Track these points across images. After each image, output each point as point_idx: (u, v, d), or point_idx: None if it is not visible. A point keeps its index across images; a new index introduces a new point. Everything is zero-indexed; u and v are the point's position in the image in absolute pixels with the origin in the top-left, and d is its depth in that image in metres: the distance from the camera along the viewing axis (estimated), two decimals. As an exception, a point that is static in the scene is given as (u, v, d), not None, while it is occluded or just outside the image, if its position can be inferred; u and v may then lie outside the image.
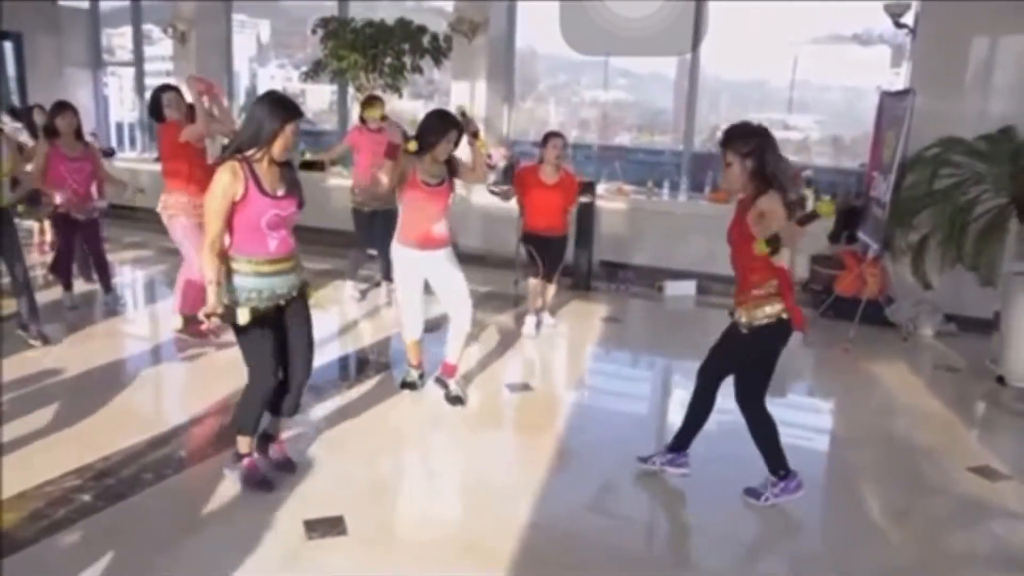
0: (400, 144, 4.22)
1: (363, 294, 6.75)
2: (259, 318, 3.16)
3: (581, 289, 7.33)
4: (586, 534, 3.20)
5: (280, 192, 3.17)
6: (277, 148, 3.10)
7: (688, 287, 7.37)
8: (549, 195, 5.72)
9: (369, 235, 6.51)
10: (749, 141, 3.12)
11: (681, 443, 3.61)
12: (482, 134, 4.43)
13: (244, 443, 3.40)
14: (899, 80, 7.51)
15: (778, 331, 3.23)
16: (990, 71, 6.38)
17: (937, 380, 5.34)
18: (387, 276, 6.62)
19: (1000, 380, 5.16)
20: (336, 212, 6.62)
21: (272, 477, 3.44)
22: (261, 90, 11.27)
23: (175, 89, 5.39)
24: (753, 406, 3.37)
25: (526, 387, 4.86)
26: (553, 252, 5.83)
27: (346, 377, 4.87)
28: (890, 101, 6.15)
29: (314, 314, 3.48)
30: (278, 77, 12.76)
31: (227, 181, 3.04)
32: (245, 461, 3.39)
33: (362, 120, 6.48)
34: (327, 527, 3.12)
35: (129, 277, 7.61)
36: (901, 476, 3.90)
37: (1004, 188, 5.35)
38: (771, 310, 3.18)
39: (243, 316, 3.09)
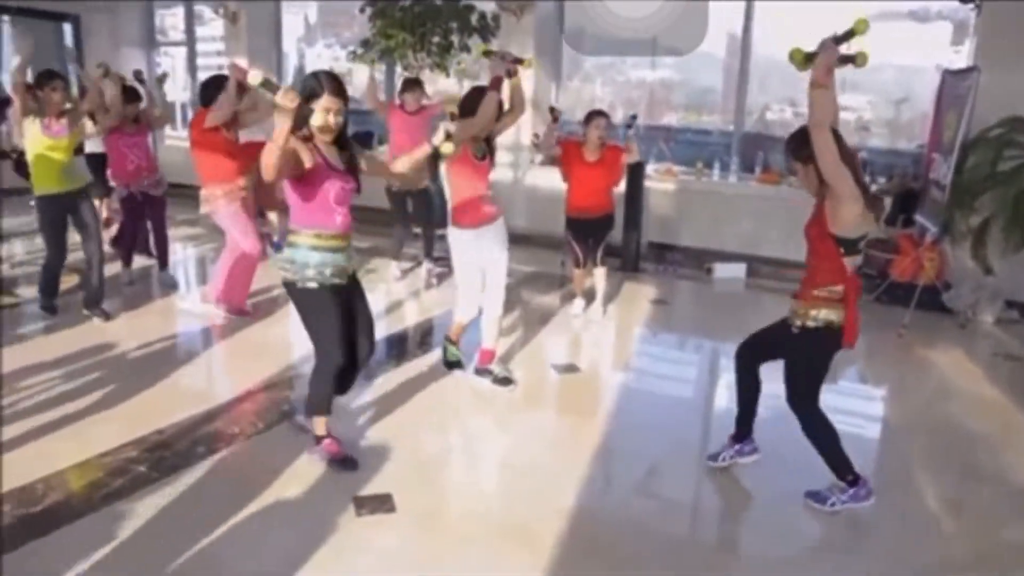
0: (498, 77, 4.07)
1: (404, 273, 6.78)
2: (325, 295, 3.20)
3: (629, 271, 7.27)
4: (632, 519, 3.19)
5: (342, 167, 3.21)
6: (316, 122, 3.04)
7: (738, 270, 7.26)
8: (591, 173, 5.63)
9: (406, 214, 6.55)
10: (807, 146, 2.92)
11: (743, 431, 3.55)
12: (523, 66, 4.21)
13: (320, 424, 3.44)
14: (959, 59, 7.26)
15: (826, 338, 3.10)
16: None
17: (996, 368, 5.19)
18: (428, 255, 6.66)
19: (1064, 369, 5.00)
20: (377, 190, 6.62)
21: (354, 454, 3.48)
22: (309, 70, 11.41)
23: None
24: (804, 410, 3.21)
25: (573, 368, 4.84)
26: (598, 232, 5.74)
27: (392, 357, 4.89)
28: (952, 80, 5.94)
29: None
30: (325, 56, 12.83)
31: (297, 144, 3.00)
32: (325, 443, 3.43)
33: (401, 102, 6.48)
34: (376, 504, 3.16)
35: (182, 255, 7.75)
36: (956, 465, 3.80)
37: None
38: (826, 315, 3.06)
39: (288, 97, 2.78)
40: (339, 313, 3.25)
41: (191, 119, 5.42)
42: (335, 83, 3.08)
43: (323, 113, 3.05)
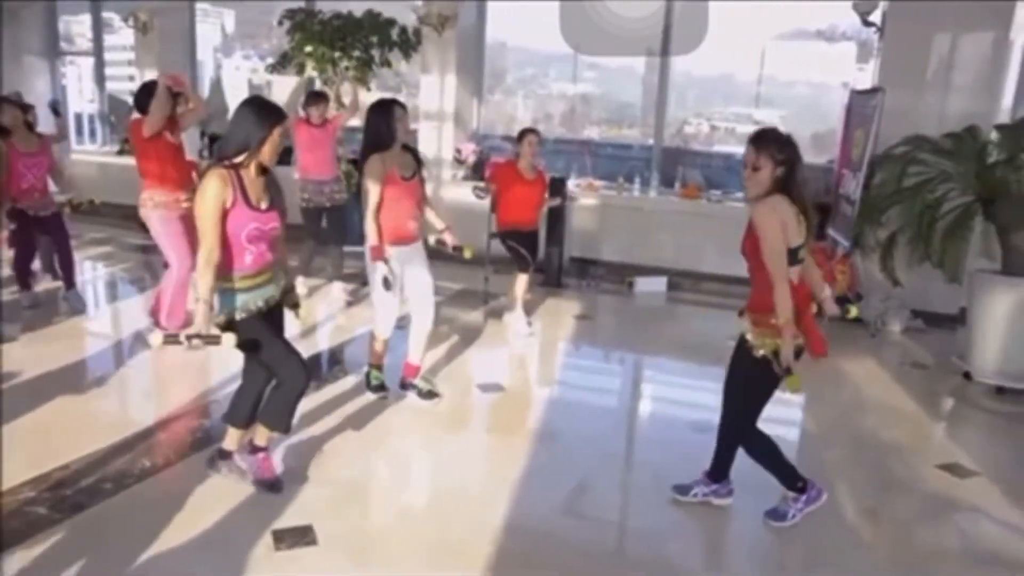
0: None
1: (310, 291, 6.60)
2: (258, 325, 3.13)
3: (552, 286, 7.28)
4: (561, 535, 3.17)
5: (264, 205, 3.09)
6: (267, 153, 3.04)
7: (658, 283, 7.36)
8: (529, 190, 5.74)
9: (318, 230, 6.45)
10: (786, 148, 2.92)
11: (722, 470, 3.40)
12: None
13: (264, 435, 3.36)
14: (864, 76, 7.56)
15: None
16: (956, 69, 6.44)
17: (905, 376, 5.38)
18: (339, 272, 6.55)
19: (967, 376, 5.21)
20: (293, 204, 6.48)
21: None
22: (226, 81, 11.13)
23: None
24: (744, 429, 3.20)
25: (498, 387, 4.80)
26: (532, 246, 5.86)
27: (312, 380, 4.74)
28: (859, 99, 6.17)
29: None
30: (243, 68, 12.53)
31: (218, 185, 2.95)
32: (260, 456, 3.35)
33: (306, 116, 6.36)
34: (296, 537, 3.04)
35: (91, 274, 7.41)
36: (871, 474, 3.92)
37: (969, 186, 5.39)
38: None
39: (229, 342, 2.95)
40: (277, 333, 3.25)
41: (130, 127, 5.23)
42: (282, 110, 3.13)
43: (280, 140, 3.07)
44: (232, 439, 3.41)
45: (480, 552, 2.98)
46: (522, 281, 5.83)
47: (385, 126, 4.01)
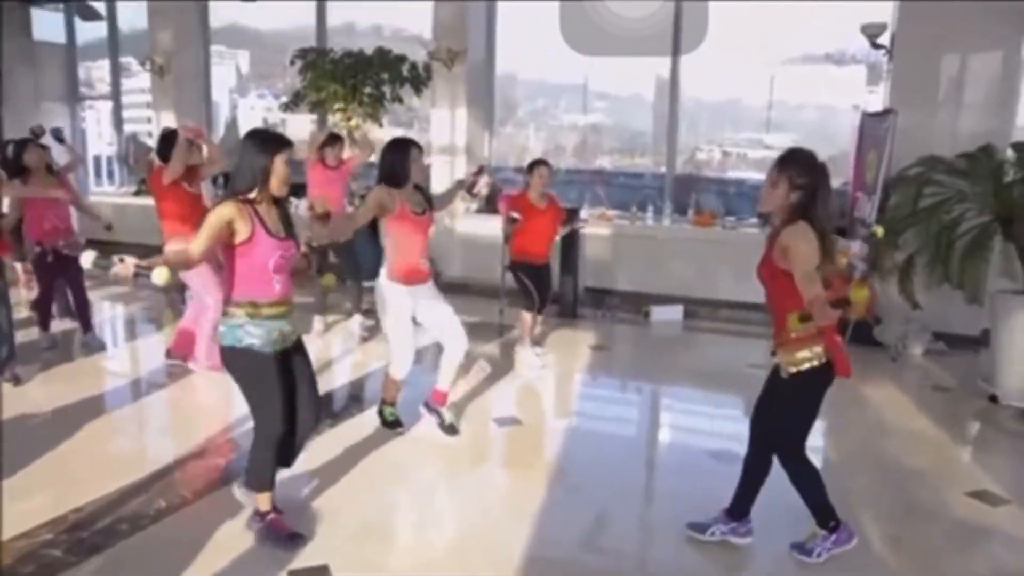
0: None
1: (327, 327, 6.66)
2: (265, 360, 3.07)
3: (567, 316, 7.26)
4: (579, 572, 3.10)
5: (283, 234, 3.11)
6: (274, 183, 3.03)
7: (675, 312, 7.32)
8: (543, 221, 5.73)
9: (329, 267, 6.47)
10: (808, 173, 2.88)
11: (741, 508, 3.29)
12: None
13: (265, 500, 3.22)
14: (875, 99, 7.54)
15: (819, 374, 2.97)
16: (967, 88, 6.42)
17: (928, 400, 5.29)
18: (358, 308, 6.57)
19: (993, 399, 5.12)
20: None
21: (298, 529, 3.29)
22: (241, 120, 11.26)
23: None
24: (792, 456, 3.13)
25: (515, 421, 4.76)
26: (546, 279, 5.83)
27: (327, 416, 4.71)
28: (871, 122, 6.15)
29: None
30: (258, 107, 12.69)
31: (231, 211, 2.96)
32: (270, 518, 3.22)
33: (321, 157, 6.42)
34: (312, 577, 3.01)
35: (108, 315, 7.47)
36: (896, 501, 3.83)
37: (987, 206, 5.35)
38: (810, 352, 2.93)
39: (161, 276, 2.89)
40: (281, 380, 3.10)
41: (151, 176, 5.35)
42: (285, 138, 3.12)
43: (284, 168, 3.05)
44: (265, 500, 3.27)
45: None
46: (527, 318, 5.80)
47: (400, 165, 4.04)
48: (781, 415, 3.12)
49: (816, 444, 4.55)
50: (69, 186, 6.07)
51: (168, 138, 5.19)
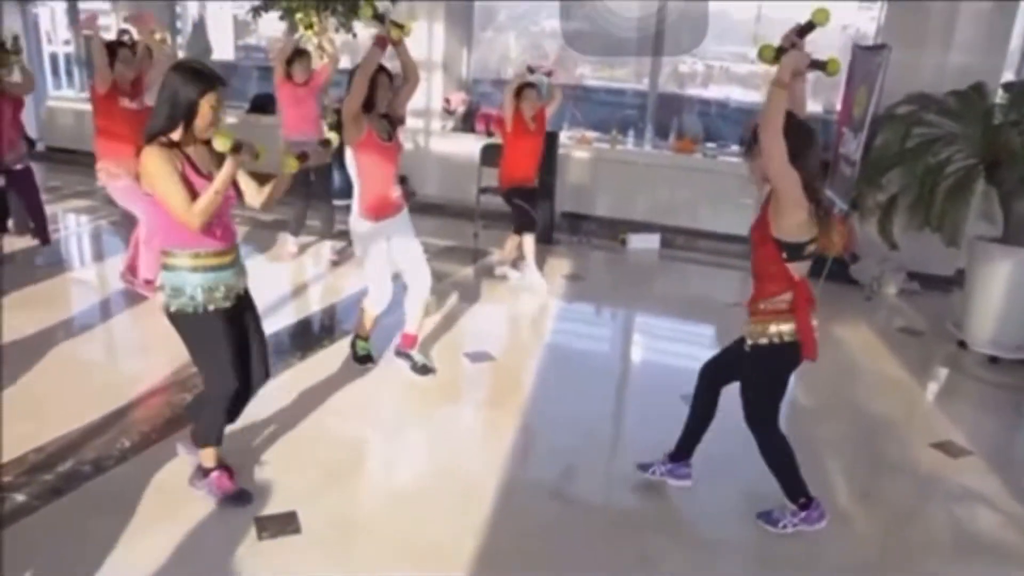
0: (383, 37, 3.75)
1: (301, 249, 6.47)
2: (213, 320, 2.86)
3: (543, 242, 7.12)
4: (550, 527, 3.11)
5: (214, 170, 2.79)
6: (199, 125, 2.72)
7: (652, 240, 7.23)
8: (534, 141, 5.69)
9: (308, 188, 6.27)
10: (792, 135, 2.64)
11: (682, 451, 3.33)
12: (402, 32, 3.79)
13: (210, 456, 3.10)
14: (866, 18, 7.33)
15: (783, 355, 2.91)
16: (964, 22, 6.22)
17: (899, 343, 5.31)
18: (330, 232, 6.41)
19: (962, 344, 5.15)
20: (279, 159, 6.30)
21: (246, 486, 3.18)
22: (210, 22, 10.71)
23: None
24: (761, 429, 3.07)
25: (487, 356, 4.70)
26: (534, 200, 5.84)
27: (296, 348, 4.65)
28: (863, 55, 5.94)
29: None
30: (227, 7, 12.08)
31: (161, 153, 2.67)
32: (214, 475, 3.10)
33: (288, 74, 6.11)
34: (280, 525, 2.98)
35: (74, 228, 7.24)
36: (862, 452, 3.88)
37: (974, 148, 5.24)
38: (776, 329, 2.86)
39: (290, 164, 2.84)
40: (230, 338, 2.93)
41: (89, 84, 5.01)
42: (217, 75, 2.77)
43: (211, 111, 2.72)
44: (210, 456, 3.13)
45: (465, 548, 2.93)
46: (531, 240, 5.81)
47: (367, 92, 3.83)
48: (744, 387, 3.08)
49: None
50: (16, 97, 5.75)
51: (115, 45, 4.90)
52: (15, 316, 4.85)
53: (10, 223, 6.04)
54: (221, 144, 2.65)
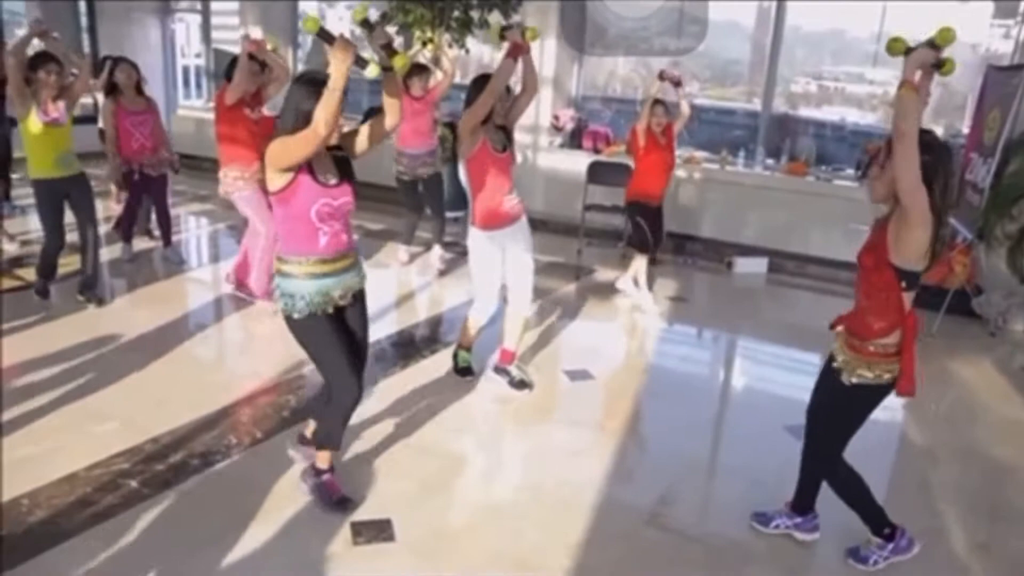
0: (517, 44, 3.80)
1: (412, 258, 6.63)
2: (323, 322, 2.94)
3: (648, 262, 7.05)
4: (643, 552, 3.03)
5: (332, 180, 2.90)
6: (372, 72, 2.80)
7: (759, 264, 7.02)
8: (665, 155, 5.68)
9: (417, 201, 6.41)
10: (927, 151, 2.45)
11: (806, 500, 3.13)
12: (528, 38, 3.84)
13: (326, 458, 3.17)
14: (998, 36, 6.93)
15: (880, 393, 2.76)
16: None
17: (1025, 383, 4.97)
18: (439, 240, 6.49)
19: (1098, 389, 4.77)
20: (390, 167, 6.46)
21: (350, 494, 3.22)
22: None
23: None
24: (826, 465, 2.94)
25: (586, 375, 4.64)
26: (660, 223, 5.82)
27: (399, 357, 4.72)
28: (997, 76, 5.63)
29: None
30: (346, 19, 12.54)
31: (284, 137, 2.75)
32: (326, 477, 3.17)
33: (406, 87, 6.24)
34: (375, 531, 3.02)
35: (195, 232, 7.63)
36: (982, 500, 3.62)
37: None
38: (879, 372, 2.69)
39: (373, 71, 2.79)
40: (343, 342, 2.98)
41: (215, 94, 5.31)
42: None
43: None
44: (326, 458, 3.20)
45: (556, 567, 2.90)
46: (642, 261, 5.79)
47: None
48: (824, 416, 2.93)
49: (898, 422, 4.35)
50: (156, 111, 6.12)
51: (236, 60, 5.07)
52: (139, 312, 5.15)
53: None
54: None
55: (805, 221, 7.08)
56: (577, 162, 7.56)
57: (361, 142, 3.03)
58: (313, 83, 2.78)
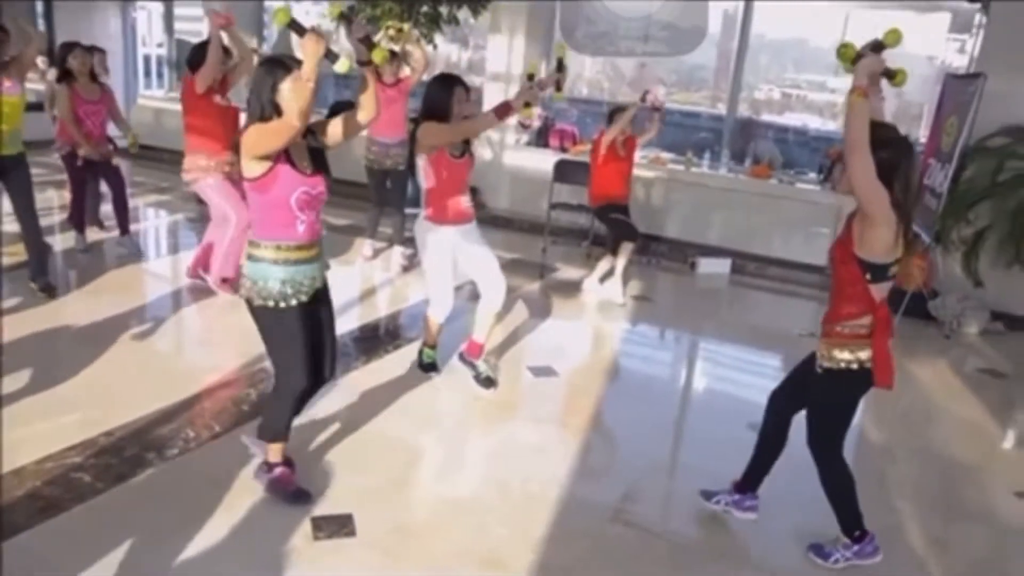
0: (510, 104, 3.79)
1: (376, 253, 6.58)
2: (291, 315, 2.89)
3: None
4: (608, 549, 3.03)
5: (308, 169, 2.86)
6: (291, 109, 2.70)
7: (722, 265, 7.08)
8: (622, 165, 5.87)
9: (382, 196, 6.36)
10: (886, 147, 2.53)
11: (749, 483, 3.21)
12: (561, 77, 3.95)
13: (277, 451, 3.12)
14: (954, 47, 7.09)
15: (858, 380, 2.79)
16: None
17: (981, 385, 5.06)
18: (400, 239, 6.44)
19: (1049, 390, 4.89)
20: (356, 163, 6.40)
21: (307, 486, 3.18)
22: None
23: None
24: (824, 455, 2.95)
25: (550, 371, 4.64)
26: (630, 218, 5.91)
27: (360, 352, 4.67)
28: (955, 84, 5.74)
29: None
30: (313, 13, 12.41)
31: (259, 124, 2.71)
32: (278, 471, 3.11)
33: (377, 75, 6.16)
34: (335, 526, 2.97)
35: (152, 222, 7.47)
36: (938, 497, 3.68)
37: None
38: (854, 356, 2.74)
39: (343, 66, 2.70)
40: (306, 336, 2.94)
41: (183, 84, 5.16)
42: (289, 60, 2.75)
43: (290, 95, 2.70)
44: (276, 452, 3.15)
45: (520, 564, 2.88)
46: (628, 250, 5.84)
47: (443, 103, 3.84)
48: (812, 410, 2.97)
49: (857, 421, 4.36)
50: (111, 100, 5.98)
51: (203, 46, 4.96)
52: (94, 303, 5.02)
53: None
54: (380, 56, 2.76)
55: (767, 224, 7.16)
56: (544, 160, 7.55)
57: (335, 134, 2.97)
58: (268, 63, 2.76)
